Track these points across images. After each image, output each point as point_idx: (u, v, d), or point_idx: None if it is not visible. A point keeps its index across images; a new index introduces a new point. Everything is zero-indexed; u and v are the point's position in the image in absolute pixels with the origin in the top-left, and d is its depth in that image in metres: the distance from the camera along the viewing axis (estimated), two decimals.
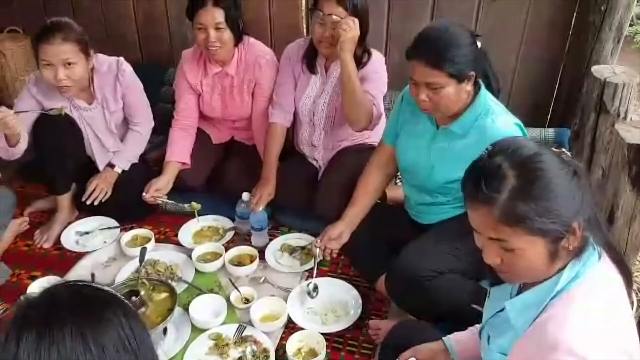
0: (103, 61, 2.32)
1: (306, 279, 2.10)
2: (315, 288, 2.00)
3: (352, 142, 2.37)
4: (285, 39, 2.54)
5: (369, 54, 2.20)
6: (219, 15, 2.18)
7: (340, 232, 1.99)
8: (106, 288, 0.82)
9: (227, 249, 2.21)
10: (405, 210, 2.04)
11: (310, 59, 2.28)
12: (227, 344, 1.82)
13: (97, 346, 0.72)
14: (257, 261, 2.15)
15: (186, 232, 2.37)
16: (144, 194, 2.31)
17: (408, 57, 1.67)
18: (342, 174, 2.19)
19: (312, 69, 2.29)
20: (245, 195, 2.29)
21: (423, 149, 1.83)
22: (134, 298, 1.77)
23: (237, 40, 2.30)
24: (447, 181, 1.78)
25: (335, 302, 1.99)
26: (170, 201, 2.37)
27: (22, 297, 0.80)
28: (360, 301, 1.97)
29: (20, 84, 3.08)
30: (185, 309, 1.94)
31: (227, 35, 2.23)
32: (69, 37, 2.10)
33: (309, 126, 2.36)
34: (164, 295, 1.87)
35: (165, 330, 1.85)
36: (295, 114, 2.37)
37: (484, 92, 1.72)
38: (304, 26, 2.83)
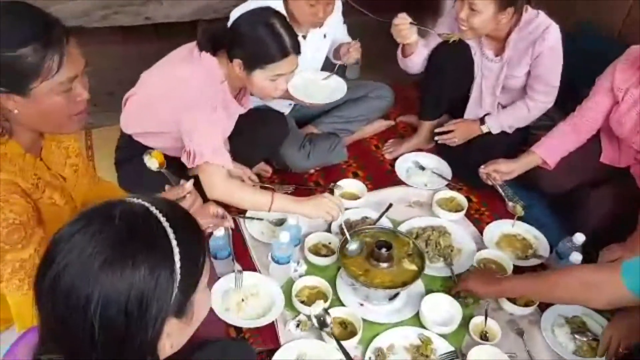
0: (534, 21, 2.06)
1: None
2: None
3: None
4: None
5: None
6: None
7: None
8: (162, 223, 0.77)
9: None
10: None
11: None
12: (427, 356, 1.64)
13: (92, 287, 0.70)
14: (533, 308, 1.78)
15: (497, 228, 2.11)
16: (480, 169, 2.14)
17: None
18: None
19: None
20: (577, 237, 1.85)
21: None
22: (383, 250, 1.75)
23: None
24: None
25: None
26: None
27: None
28: None
29: None
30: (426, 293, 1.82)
31: None
32: None
33: None
34: (412, 267, 1.77)
35: (394, 297, 1.80)
36: None
37: None
38: None
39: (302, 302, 1.76)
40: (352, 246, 1.80)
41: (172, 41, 1.93)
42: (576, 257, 1.83)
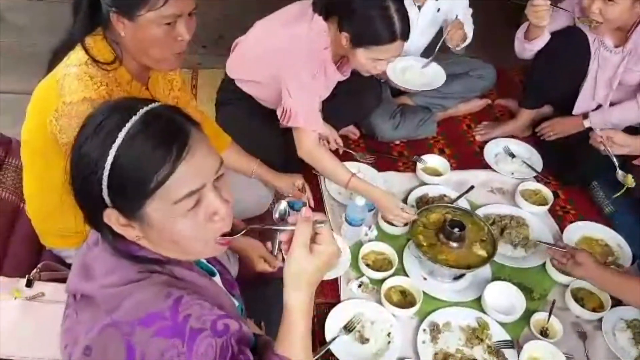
0: None
1: None
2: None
3: None
4: None
5: None
6: None
7: (582, 263, 1.67)
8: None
9: None
10: None
11: None
12: (482, 340, 1.65)
13: None
14: (602, 314, 1.73)
15: (580, 229, 2.03)
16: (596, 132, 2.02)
17: None
18: None
19: None
20: None
21: None
22: (456, 230, 1.76)
23: None
24: None
25: None
26: None
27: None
28: None
29: None
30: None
31: None
32: None
33: None
34: (482, 252, 1.77)
35: (459, 277, 1.81)
36: None
37: None
38: None
39: (368, 265, 1.83)
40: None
41: None
42: None
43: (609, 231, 2.02)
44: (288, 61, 1.78)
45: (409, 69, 2.27)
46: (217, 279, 1.02)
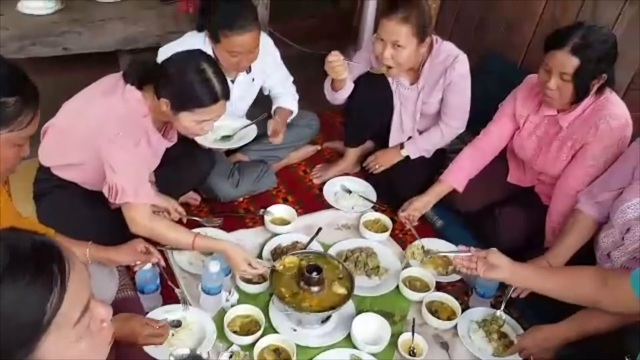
0: (444, 51, 2.22)
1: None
2: None
3: None
4: None
5: None
6: (567, 62, 1.77)
7: (499, 265, 1.60)
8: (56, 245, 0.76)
9: None
10: None
11: None
12: None
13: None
14: (455, 321, 1.88)
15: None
16: (400, 214, 2.27)
17: None
18: None
19: None
20: None
21: None
22: (314, 274, 1.80)
23: (581, 95, 1.86)
24: None
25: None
26: None
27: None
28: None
29: None
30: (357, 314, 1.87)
31: (569, 88, 1.83)
32: (409, 19, 2.04)
33: None
34: (342, 291, 1.83)
35: (326, 319, 1.84)
36: None
37: None
38: None
39: (235, 332, 1.77)
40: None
41: (93, 71, 1.90)
42: None
43: (445, 243, 2.23)
44: (105, 135, 1.69)
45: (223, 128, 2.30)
46: None
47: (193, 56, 1.74)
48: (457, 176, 2.24)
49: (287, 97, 2.46)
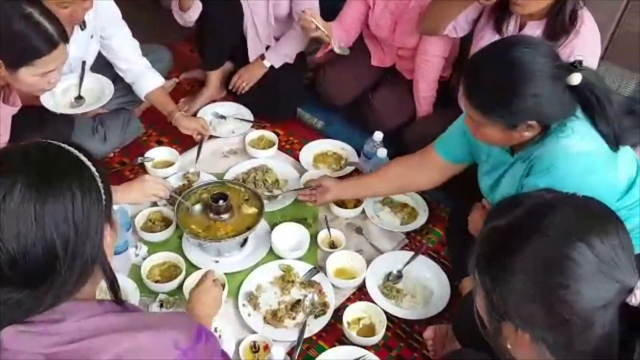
0: None
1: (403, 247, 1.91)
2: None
3: None
4: None
5: None
6: None
7: (328, 187, 1.87)
8: (75, 153, 0.88)
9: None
10: None
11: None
12: (292, 281, 1.75)
13: (38, 216, 0.77)
14: (361, 207, 1.99)
15: (309, 151, 2.27)
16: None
17: None
18: None
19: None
20: (376, 135, 2.10)
21: None
22: (221, 202, 1.76)
23: None
24: None
25: (420, 286, 1.78)
26: None
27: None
28: (448, 297, 1.74)
29: None
30: (271, 229, 1.88)
31: None
32: None
33: None
34: (252, 210, 1.82)
35: (244, 243, 1.84)
36: None
37: None
38: None
39: (157, 281, 1.69)
40: (196, 207, 1.79)
41: None
42: (381, 152, 2.07)
43: (331, 141, 2.30)
44: None
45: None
46: None
47: (11, 3, 1.48)
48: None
49: (145, 75, 2.14)
